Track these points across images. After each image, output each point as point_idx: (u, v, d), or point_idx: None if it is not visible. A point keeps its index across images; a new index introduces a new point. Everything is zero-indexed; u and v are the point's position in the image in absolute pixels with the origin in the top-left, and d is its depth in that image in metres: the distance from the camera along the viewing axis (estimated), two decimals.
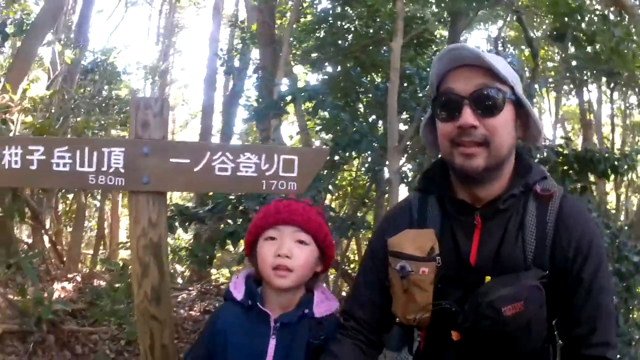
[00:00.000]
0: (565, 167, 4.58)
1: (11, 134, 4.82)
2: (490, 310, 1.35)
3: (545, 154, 4.39)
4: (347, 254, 9.76)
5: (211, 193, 4.31)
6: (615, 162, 4.47)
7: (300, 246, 1.70)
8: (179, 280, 9.84)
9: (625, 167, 4.65)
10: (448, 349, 1.51)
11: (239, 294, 1.76)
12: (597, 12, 7.40)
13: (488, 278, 1.45)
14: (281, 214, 1.71)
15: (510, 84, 1.46)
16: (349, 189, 10.13)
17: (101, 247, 12.13)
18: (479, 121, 1.44)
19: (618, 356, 4.36)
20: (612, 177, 4.80)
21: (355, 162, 7.62)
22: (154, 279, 2.23)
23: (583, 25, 7.05)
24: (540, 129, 1.54)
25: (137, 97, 2.43)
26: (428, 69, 7.53)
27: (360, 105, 8.18)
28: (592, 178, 4.93)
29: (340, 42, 8.44)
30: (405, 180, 6.07)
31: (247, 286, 1.77)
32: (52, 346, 4.85)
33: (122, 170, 2.12)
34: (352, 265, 10.49)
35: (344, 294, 9.73)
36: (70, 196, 9.40)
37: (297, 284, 1.72)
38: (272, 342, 1.68)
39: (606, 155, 4.46)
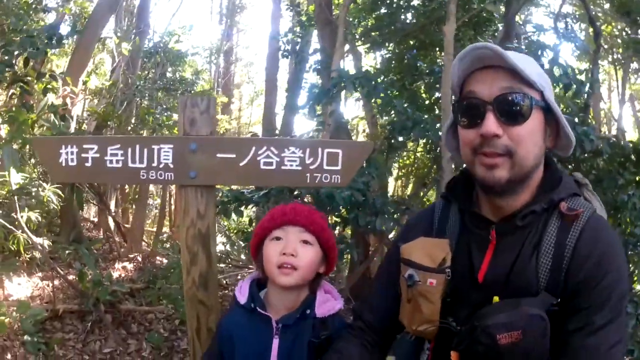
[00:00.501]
0: (622, 159, 4.39)
1: (74, 123, 5.05)
2: (484, 337, 1.26)
3: (599, 145, 4.21)
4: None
5: None
6: None
7: (305, 246, 1.74)
8: (242, 257, 9.99)
9: None
10: None
11: (243, 297, 1.81)
12: None
13: (496, 298, 1.35)
14: (287, 215, 1.76)
15: (539, 88, 1.34)
16: (412, 169, 10.10)
17: (166, 224, 12.50)
18: (503, 129, 1.32)
19: None
20: None
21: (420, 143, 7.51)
22: (202, 266, 2.34)
23: None
24: (571, 138, 1.39)
25: (184, 96, 2.53)
26: None
27: (420, 86, 8.11)
28: None
29: (398, 21, 8.34)
30: (460, 165, 6.01)
31: (250, 290, 1.82)
32: (109, 325, 5.12)
33: (171, 166, 2.22)
34: None
35: None
36: None
37: (301, 283, 1.75)
38: (276, 343, 1.72)
39: None
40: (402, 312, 1.51)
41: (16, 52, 4.61)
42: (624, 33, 11.29)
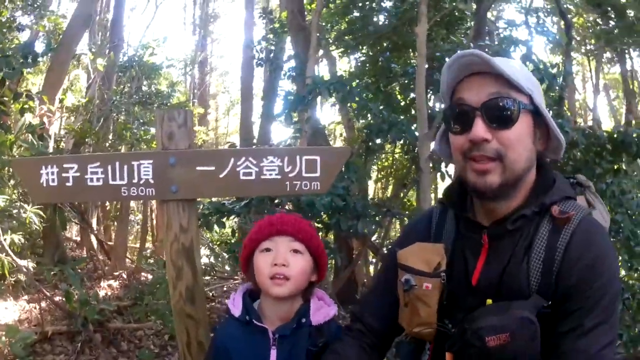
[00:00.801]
0: (599, 149, 4.47)
1: (52, 142, 5.02)
2: (474, 339, 1.28)
3: (574, 137, 4.29)
4: (389, 238, 9.80)
5: None
6: None
7: (295, 255, 1.73)
8: (227, 268, 9.97)
9: None
10: None
11: (237, 310, 1.79)
12: None
13: (489, 301, 1.37)
14: (274, 225, 1.75)
15: (527, 91, 1.36)
16: (391, 171, 10.16)
17: (148, 239, 12.42)
18: (492, 134, 1.34)
19: None
20: None
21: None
22: (187, 280, 2.34)
23: None
24: (561, 140, 1.42)
25: (161, 110, 2.54)
26: (457, 47, 7.51)
27: (395, 88, 8.18)
28: None
29: (370, 24, 8.41)
30: (438, 163, 6.07)
31: (244, 301, 1.80)
32: (99, 344, 5.07)
33: (152, 181, 2.23)
34: None
35: None
36: None
37: (294, 292, 1.74)
38: (274, 354, 1.71)
39: (637, 137, 4.31)
40: (401, 316, 1.54)
41: None
42: (595, 24, 11.48)
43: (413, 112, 7.70)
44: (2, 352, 4.35)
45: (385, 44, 8.56)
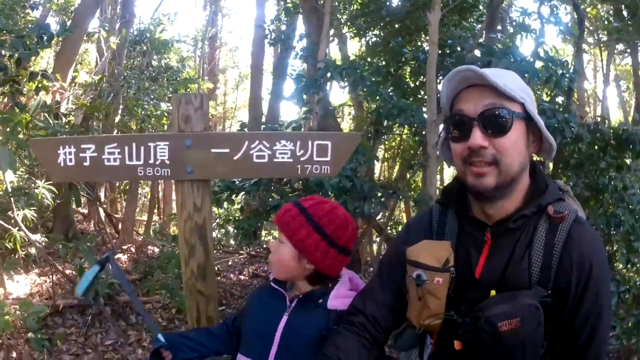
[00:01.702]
0: (603, 144, 4.51)
1: (58, 121, 5.07)
2: (487, 325, 1.40)
3: (580, 131, 4.33)
4: (393, 218, 9.87)
5: None
6: None
7: (279, 245, 1.90)
8: (232, 242, 10.05)
9: None
10: (452, 357, 1.56)
11: (272, 275, 2.03)
12: None
13: (493, 292, 1.49)
14: (275, 218, 1.95)
15: (520, 100, 1.47)
16: (397, 151, 10.19)
17: (155, 214, 12.53)
18: (489, 141, 1.45)
19: None
20: None
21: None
22: (199, 258, 2.43)
23: None
24: (552, 142, 1.53)
25: (178, 94, 2.59)
26: (468, 34, 7.50)
27: (406, 71, 8.18)
28: None
29: (383, 7, 8.39)
30: None
31: None
32: (108, 317, 5.20)
33: (168, 162, 2.31)
34: (398, 229, 10.62)
35: None
36: None
37: (283, 277, 1.93)
38: (284, 319, 1.87)
39: None
40: (410, 309, 1.65)
41: (8, 54, 4.59)
42: (608, 19, 11.38)
43: (421, 95, 7.75)
44: (15, 325, 4.46)
45: (396, 27, 8.55)
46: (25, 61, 4.82)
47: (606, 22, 11.83)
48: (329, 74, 4.73)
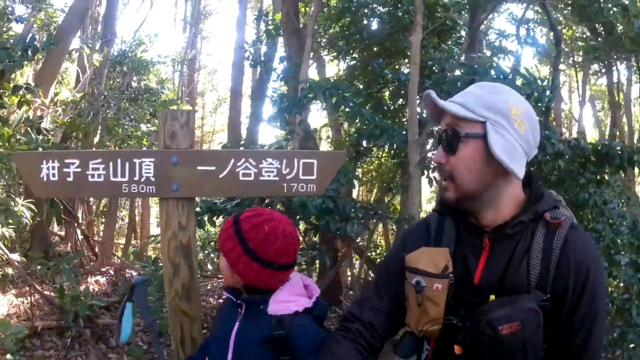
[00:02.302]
0: (583, 160, 4.60)
1: (41, 136, 4.99)
2: (488, 329, 1.44)
3: (560, 148, 4.41)
4: (372, 241, 9.87)
5: None
6: (633, 156, 4.47)
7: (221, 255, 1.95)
8: (209, 267, 9.95)
9: None
10: None
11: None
12: (618, 3, 7.27)
13: (492, 297, 1.52)
14: None
15: (480, 119, 1.52)
16: (374, 173, 10.24)
17: (132, 237, 12.38)
18: (446, 159, 1.58)
19: (632, 345, 4.47)
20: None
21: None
22: (184, 277, 2.38)
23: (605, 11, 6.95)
24: (503, 162, 1.49)
25: (165, 110, 2.58)
26: (448, 55, 7.61)
27: (385, 93, 8.26)
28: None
29: (364, 30, 8.48)
30: (426, 170, 6.15)
31: None
32: (88, 340, 5.06)
33: (153, 179, 2.27)
34: (377, 251, 10.63)
35: (370, 278, 9.89)
36: None
37: (230, 285, 1.97)
38: (237, 325, 1.89)
39: (621, 150, 4.45)
40: (410, 316, 1.66)
41: None
42: (584, 38, 11.64)
43: (401, 116, 7.82)
44: None
45: (376, 50, 8.64)
46: (9, 73, 4.76)
47: (581, 43, 12.09)
48: (311, 95, 4.75)
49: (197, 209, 4.69)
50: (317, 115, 14.29)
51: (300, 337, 1.79)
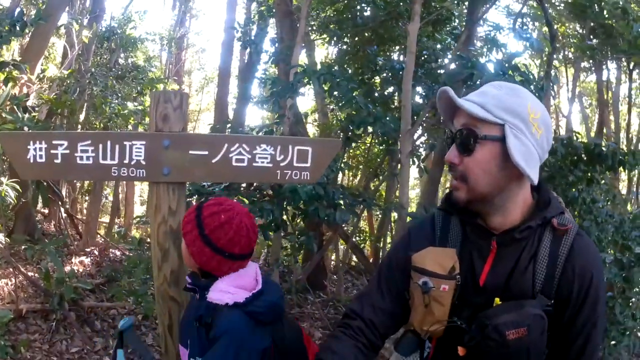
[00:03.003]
0: (575, 158, 4.62)
1: (27, 114, 4.87)
2: (495, 333, 1.44)
3: (553, 145, 4.41)
4: (358, 226, 9.87)
5: None
6: (623, 158, 4.51)
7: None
8: None
9: (634, 163, 4.69)
10: None
11: None
12: (618, 5, 7.26)
13: (497, 300, 1.53)
14: None
15: (497, 122, 1.49)
16: (361, 159, 10.21)
17: (116, 216, 12.27)
18: (460, 159, 1.54)
19: (613, 342, 4.52)
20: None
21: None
22: (173, 263, 2.34)
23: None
24: (521, 167, 1.47)
25: (157, 91, 2.51)
26: (443, 46, 7.58)
27: (377, 79, 8.21)
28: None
29: (357, 15, 8.41)
30: (416, 158, 6.13)
31: None
32: (74, 323, 5.00)
33: (144, 163, 2.21)
34: (361, 237, 10.65)
35: (353, 263, 9.93)
36: None
37: (189, 266, 2.04)
38: (193, 311, 1.97)
39: (613, 150, 4.47)
40: (414, 316, 1.65)
41: None
42: (578, 37, 11.63)
43: (391, 104, 7.79)
44: None
45: (369, 36, 8.58)
46: None
47: (574, 41, 12.11)
48: (305, 79, 4.69)
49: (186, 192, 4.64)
50: (303, 99, 14.21)
51: (217, 328, 1.82)
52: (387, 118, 5.14)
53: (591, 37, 9.77)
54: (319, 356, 1.68)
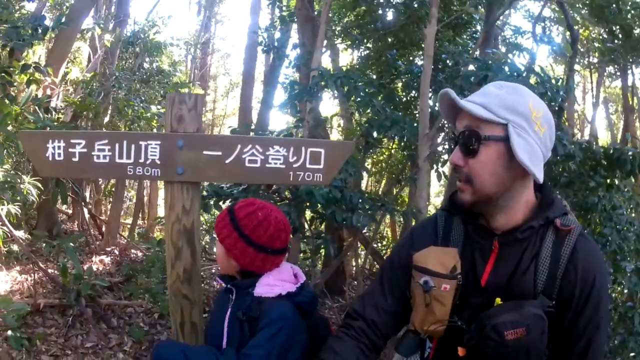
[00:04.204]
0: (594, 163, 4.55)
1: (49, 115, 4.97)
2: (493, 333, 1.44)
3: (571, 150, 4.35)
4: (379, 232, 9.84)
5: None
6: None
7: (217, 243, 2.04)
8: (214, 250, 9.94)
9: None
10: None
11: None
12: (637, 6, 7.16)
13: (498, 300, 1.52)
14: None
15: (501, 122, 1.48)
16: (384, 164, 10.19)
17: (139, 217, 12.41)
18: (464, 161, 1.53)
19: (632, 354, 4.43)
20: None
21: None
22: (186, 261, 2.37)
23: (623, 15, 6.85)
24: (526, 166, 1.46)
25: (173, 93, 2.57)
26: (463, 50, 7.53)
27: (398, 84, 8.20)
28: None
29: (378, 20, 8.42)
30: (436, 163, 6.11)
31: None
32: (90, 319, 5.08)
33: (159, 162, 2.25)
34: (383, 243, 10.60)
35: (374, 270, 9.88)
36: None
37: (224, 272, 2.09)
38: (229, 310, 2.00)
39: (632, 156, 4.38)
40: (415, 315, 1.66)
41: (1, 43, 4.51)
42: (600, 40, 11.49)
43: (412, 109, 7.77)
44: None
45: (390, 40, 8.58)
46: (19, 52, 4.75)
47: (597, 44, 11.96)
48: (323, 83, 4.72)
49: (204, 193, 4.69)
50: (328, 104, 14.23)
51: (268, 317, 1.86)
52: (406, 122, 5.14)
53: (612, 39, 9.63)
54: (321, 356, 1.69)
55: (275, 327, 1.84)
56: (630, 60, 10.17)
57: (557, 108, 5.10)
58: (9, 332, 4.28)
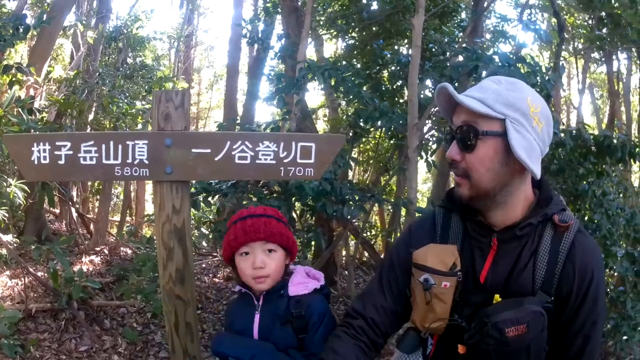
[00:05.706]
0: (584, 150, 4.55)
1: (33, 117, 4.88)
2: (494, 331, 1.44)
3: (562, 137, 4.35)
4: (368, 222, 9.84)
5: None
6: (634, 149, 4.43)
7: (270, 254, 1.97)
8: (204, 244, 9.91)
9: None
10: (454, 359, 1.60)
11: (237, 286, 2.12)
12: None
13: (497, 297, 1.53)
14: (249, 234, 1.95)
15: (498, 117, 1.47)
16: (370, 153, 10.18)
17: (127, 214, 12.32)
18: (462, 156, 1.53)
19: (625, 337, 4.47)
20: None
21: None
22: (178, 261, 2.35)
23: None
24: (523, 160, 1.46)
25: (159, 90, 2.51)
26: (450, 39, 7.52)
27: (385, 74, 8.17)
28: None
29: (364, 9, 8.37)
30: (425, 153, 6.09)
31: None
32: (82, 322, 5.02)
33: (147, 162, 2.22)
34: (372, 232, 10.62)
35: (364, 259, 9.91)
36: None
37: (275, 284, 2.00)
38: (257, 318, 1.99)
39: (623, 142, 4.39)
40: (416, 313, 1.66)
41: None
42: (587, 27, 11.52)
43: (399, 98, 7.74)
44: None
45: (376, 30, 8.54)
46: (0, 53, 4.66)
47: (584, 32, 11.99)
48: (309, 75, 4.67)
49: (192, 190, 4.64)
50: (313, 94, 14.17)
51: (317, 312, 1.92)
52: (394, 112, 5.12)
53: (600, 27, 9.66)
54: (321, 356, 1.69)
55: (327, 317, 1.91)
56: (618, 47, 10.21)
57: (545, 96, 5.10)
58: (2, 340, 4.21)
